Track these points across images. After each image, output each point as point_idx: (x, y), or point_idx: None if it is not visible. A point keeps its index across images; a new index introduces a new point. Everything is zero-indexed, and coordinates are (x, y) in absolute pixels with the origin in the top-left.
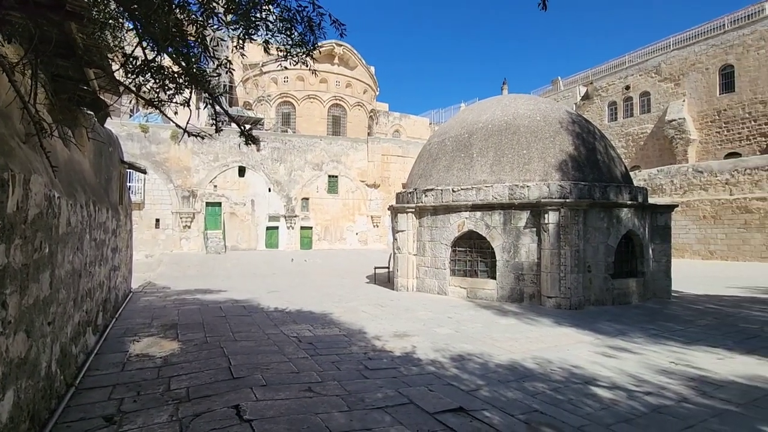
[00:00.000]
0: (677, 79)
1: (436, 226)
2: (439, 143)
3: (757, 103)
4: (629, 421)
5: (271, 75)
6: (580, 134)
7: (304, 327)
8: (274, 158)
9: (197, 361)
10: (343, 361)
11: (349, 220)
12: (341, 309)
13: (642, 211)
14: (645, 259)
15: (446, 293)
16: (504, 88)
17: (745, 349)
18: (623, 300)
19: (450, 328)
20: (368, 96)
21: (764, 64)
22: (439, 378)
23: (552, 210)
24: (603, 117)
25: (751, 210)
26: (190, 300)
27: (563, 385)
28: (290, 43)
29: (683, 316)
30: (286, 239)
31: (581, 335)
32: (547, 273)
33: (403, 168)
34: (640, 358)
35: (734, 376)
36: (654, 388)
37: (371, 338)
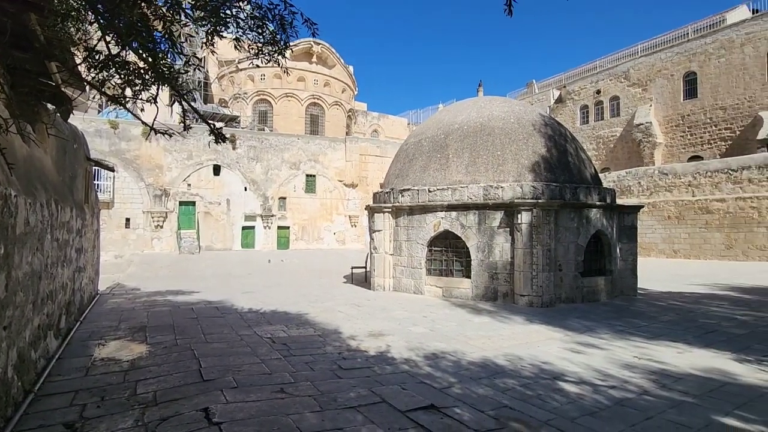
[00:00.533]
0: (645, 84)
1: (413, 225)
2: (416, 143)
3: (717, 108)
4: (593, 414)
5: (247, 72)
6: (552, 136)
7: (279, 328)
8: (251, 157)
9: (166, 364)
10: (317, 361)
11: (327, 219)
12: (317, 309)
13: (610, 212)
14: (613, 258)
15: (422, 292)
16: (480, 90)
17: (703, 343)
18: (592, 297)
19: (425, 327)
20: (347, 95)
21: (724, 72)
22: (412, 376)
23: (525, 210)
24: (575, 120)
25: (711, 211)
26: (160, 301)
27: (533, 381)
28: (262, 41)
29: (648, 313)
30: (262, 239)
31: (551, 332)
32: (520, 272)
33: (382, 168)
34: (606, 353)
35: (692, 369)
36: (618, 382)
37: (346, 338)
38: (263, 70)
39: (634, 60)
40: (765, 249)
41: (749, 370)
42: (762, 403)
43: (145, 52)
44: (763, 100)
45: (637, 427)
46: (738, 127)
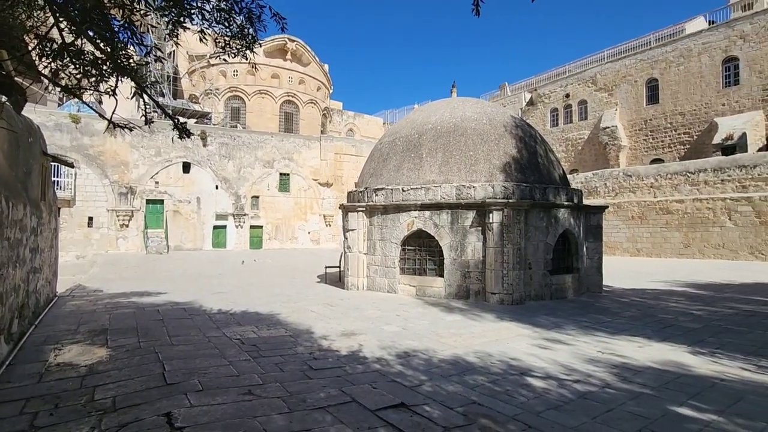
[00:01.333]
0: (611, 89)
1: (387, 225)
2: (390, 143)
3: (677, 114)
4: (558, 408)
5: (219, 68)
6: (522, 138)
7: (249, 329)
8: (222, 154)
9: (127, 368)
10: (287, 362)
11: (301, 219)
12: (289, 309)
13: (577, 212)
14: (580, 257)
15: (396, 291)
16: (453, 91)
17: (661, 337)
18: (560, 295)
19: (398, 325)
20: (322, 94)
21: (683, 79)
22: (383, 375)
23: (496, 210)
24: (546, 122)
25: (671, 211)
26: (124, 303)
27: (501, 377)
28: (229, 34)
29: (612, 309)
30: (234, 238)
31: (521, 329)
32: (492, 270)
33: (357, 167)
34: (571, 348)
35: (651, 362)
36: (582, 376)
37: (318, 338)
38: (236, 66)
39: (600, 66)
40: (719, 248)
41: (702, 361)
42: (713, 393)
43: (103, 41)
44: (718, 107)
45: (599, 419)
46: (695, 132)
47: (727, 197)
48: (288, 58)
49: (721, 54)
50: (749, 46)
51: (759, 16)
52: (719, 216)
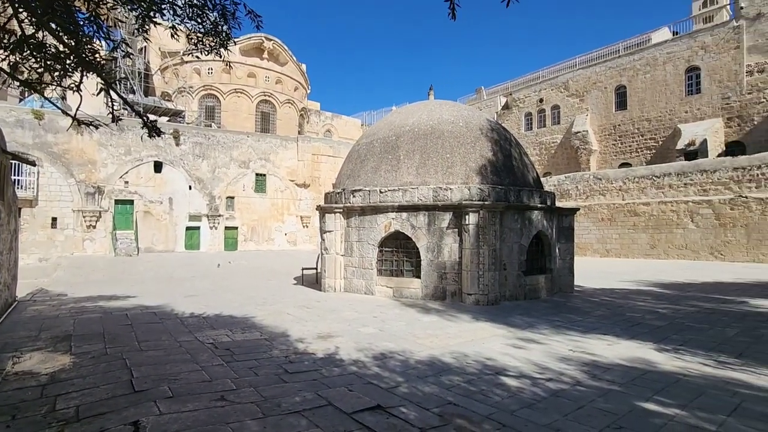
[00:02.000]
0: (582, 95)
1: (364, 226)
2: (368, 144)
3: (643, 120)
4: (531, 406)
5: (193, 65)
6: (498, 141)
7: (222, 332)
8: (196, 154)
9: (92, 375)
10: (262, 366)
11: (278, 220)
12: (265, 312)
13: (550, 214)
14: (552, 257)
15: (373, 293)
16: (431, 93)
17: (629, 335)
18: (533, 295)
19: (374, 327)
20: (299, 94)
21: (649, 87)
22: (360, 377)
23: (472, 212)
24: (520, 126)
25: (638, 213)
26: (90, 308)
27: (476, 377)
28: (202, 31)
29: (583, 308)
30: (208, 240)
31: (496, 329)
32: (468, 271)
33: (334, 168)
34: (544, 347)
35: (619, 359)
36: (554, 374)
37: (294, 341)
38: (211, 64)
39: (572, 72)
40: (682, 248)
41: (667, 358)
42: (677, 388)
43: (66, 34)
44: (682, 114)
45: (570, 416)
46: (661, 138)
47: (690, 200)
48: (265, 57)
49: (684, 63)
50: (710, 56)
51: (719, 28)
52: (682, 218)
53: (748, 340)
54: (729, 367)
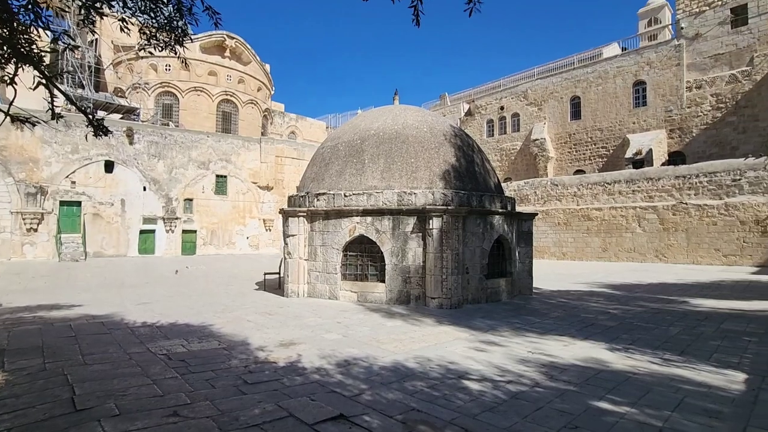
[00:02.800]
0: (540, 104)
1: (328, 230)
2: (332, 147)
3: (596, 129)
4: (492, 410)
5: (149, 61)
6: (461, 147)
7: (177, 342)
8: (152, 153)
9: (28, 394)
10: (219, 377)
11: (240, 223)
12: (223, 319)
13: (510, 218)
14: (512, 261)
15: (337, 298)
16: (396, 98)
17: (583, 336)
18: (495, 298)
19: (338, 333)
20: (263, 94)
21: (601, 98)
22: (322, 386)
23: (436, 216)
24: (483, 132)
25: (591, 218)
26: (28, 319)
27: (439, 382)
28: (156, 25)
29: (541, 310)
30: (164, 244)
31: (458, 332)
32: (431, 275)
33: (299, 170)
34: (505, 350)
35: (575, 359)
36: (515, 376)
37: (254, 349)
38: (169, 60)
39: (531, 82)
40: (630, 251)
41: (618, 357)
42: (627, 386)
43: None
44: (630, 125)
45: (529, 418)
46: (611, 147)
47: (637, 206)
48: (227, 55)
49: (632, 77)
50: (654, 72)
51: (662, 46)
52: (631, 223)
53: (689, 337)
54: (673, 365)
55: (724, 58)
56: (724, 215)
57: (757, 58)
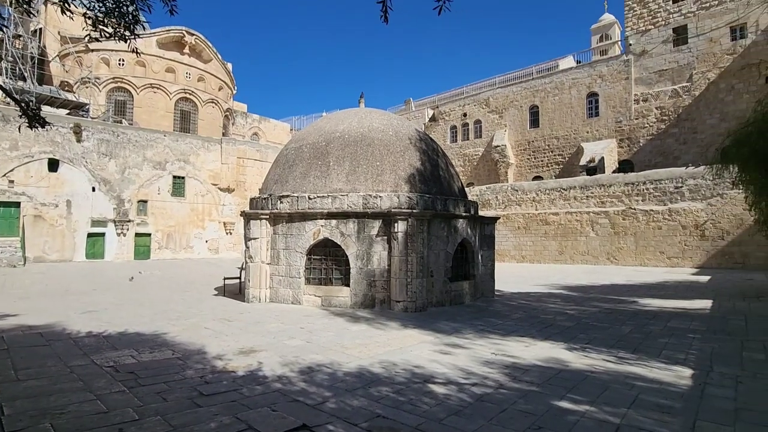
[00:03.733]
0: (501, 112)
1: (292, 233)
2: (297, 149)
3: (553, 138)
4: (458, 413)
5: (101, 54)
6: (426, 151)
7: (126, 353)
8: (102, 152)
9: None
10: (172, 389)
11: (198, 226)
12: (179, 327)
13: (473, 222)
14: (475, 264)
15: (301, 302)
16: (361, 101)
17: (543, 336)
18: (458, 300)
19: (301, 339)
20: (224, 94)
21: (558, 108)
22: (284, 395)
23: (401, 219)
24: (446, 138)
25: (549, 222)
26: None
27: (405, 386)
28: (103, 10)
29: (503, 312)
30: (115, 248)
31: (424, 335)
32: (396, 279)
33: (261, 173)
34: (469, 352)
35: (536, 360)
36: (479, 378)
37: (212, 358)
38: (122, 55)
39: (493, 90)
40: (585, 254)
41: (576, 357)
42: (586, 385)
43: None
44: (584, 134)
45: (494, 420)
46: (567, 154)
47: (591, 211)
48: (186, 52)
49: (586, 89)
50: (606, 84)
51: (612, 60)
52: (585, 227)
53: (640, 336)
54: (627, 362)
55: (667, 74)
56: (668, 220)
57: (696, 75)
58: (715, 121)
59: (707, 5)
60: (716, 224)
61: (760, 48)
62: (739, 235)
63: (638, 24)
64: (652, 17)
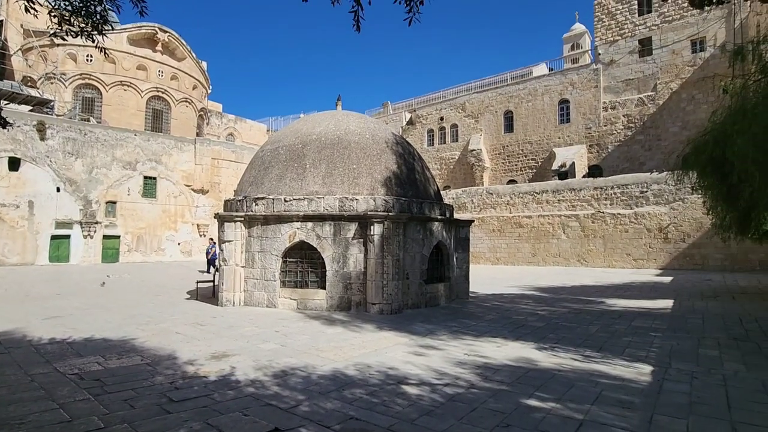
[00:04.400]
0: (477, 116)
1: (267, 236)
2: (273, 151)
3: (526, 142)
4: (430, 413)
5: (67, 49)
6: (402, 155)
7: (92, 360)
8: (68, 151)
9: None
10: (140, 396)
11: (170, 228)
12: (149, 332)
13: (449, 225)
14: (450, 266)
15: (276, 306)
16: (338, 103)
17: (515, 337)
18: (434, 302)
19: (276, 342)
20: (198, 93)
21: (531, 114)
22: (257, 399)
23: (377, 222)
24: (423, 141)
25: (522, 225)
26: None
27: (379, 388)
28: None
29: (476, 313)
30: (81, 251)
31: (398, 337)
32: (372, 281)
33: (237, 174)
34: (443, 353)
35: (507, 359)
36: (451, 379)
37: (183, 363)
38: (91, 50)
39: (469, 95)
40: (556, 256)
41: (545, 356)
42: (553, 383)
43: None
44: (556, 139)
45: (464, 419)
46: (540, 159)
47: (562, 214)
48: (158, 49)
49: (558, 96)
50: (577, 92)
51: (583, 69)
52: (556, 230)
53: (606, 335)
54: (592, 360)
55: (633, 84)
56: (634, 223)
57: (660, 85)
58: (677, 129)
59: (670, 19)
60: (678, 227)
61: (717, 61)
62: (698, 237)
63: (607, 35)
64: (619, 29)
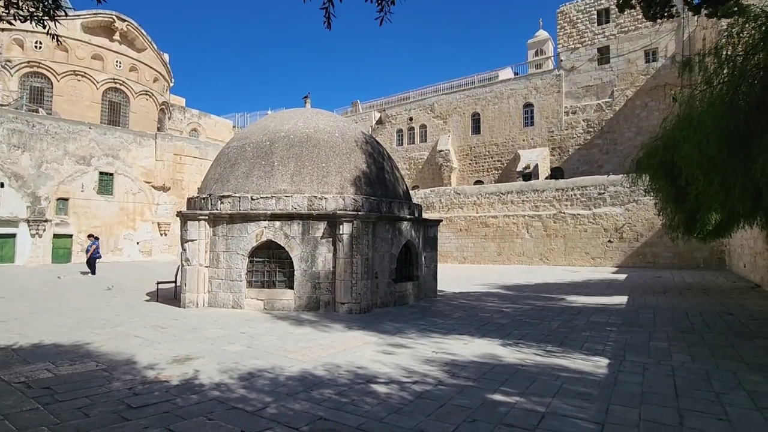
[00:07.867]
0: (445, 118)
1: (233, 235)
2: (239, 148)
3: (493, 144)
4: (399, 411)
5: (13, 34)
6: (372, 154)
7: (41, 367)
8: (14, 144)
9: None
10: (96, 403)
11: (129, 227)
12: (104, 336)
13: (417, 224)
14: (419, 265)
15: (242, 306)
16: (307, 101)
17: (481, 334)
18: (402, 301)
19: (242, 344)
20: (160, 86)
21: (497, 116)
22: (222, 403)
23: (346, 221)
24: (393, 141)
25: (488, 225)
26: None
27: (348, 388)
28: None
29: (444, 311)
30: (29, 251)
31: (368, 336)
32: (341, 280)
33: (201, 171)
34: (412, 351)
35: (473, 356)
36: (420, 376)
37: (142, 368)
38: (40, 36)
39: (438, 96)
40: (520, 255)
41: (510, 352)
42: (517, 378)
43: None
44: (520, 142)
45: (432, 416)
46: (505, 160)
47: (526, 214)
48: (116, 38)
49: (522, 99)
50: (540, 96)
51: (546, 74)
52: (521, 229)
53: (566, 330)
54: (554, 355)
55: (592, 90)
56: (593, 223)
57: (617, 92)
58: (632, 134)
59: (626, 30)
60: (632, 227)
61: (668, 71)
62: (650, 237)
63: (568, 42)
64: (580, 37)
